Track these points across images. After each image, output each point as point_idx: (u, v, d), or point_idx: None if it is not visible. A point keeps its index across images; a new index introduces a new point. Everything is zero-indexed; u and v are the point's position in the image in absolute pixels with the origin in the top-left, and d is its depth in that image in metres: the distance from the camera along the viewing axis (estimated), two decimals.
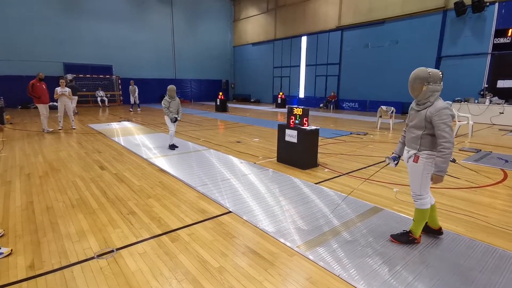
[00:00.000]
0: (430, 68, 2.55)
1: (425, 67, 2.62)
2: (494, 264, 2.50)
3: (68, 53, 18.64)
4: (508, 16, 11.99)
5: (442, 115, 2.43)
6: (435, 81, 2.50)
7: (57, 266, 2.46)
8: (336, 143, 7.75)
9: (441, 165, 2.46)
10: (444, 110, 2.44)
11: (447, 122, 2.43)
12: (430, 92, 2.52)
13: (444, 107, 2.46)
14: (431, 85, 2.50)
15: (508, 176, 4.99)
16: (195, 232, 3.05)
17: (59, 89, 9.47)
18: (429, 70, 2.52)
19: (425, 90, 2.52)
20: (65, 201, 3.85)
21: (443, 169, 2.46)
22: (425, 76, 2.50)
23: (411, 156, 2.68)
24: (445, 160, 2.44)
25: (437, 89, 2.51)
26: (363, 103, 17.40)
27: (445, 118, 2.43)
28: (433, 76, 2.49)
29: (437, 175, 2.49)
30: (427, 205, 2.70)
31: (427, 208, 2.71)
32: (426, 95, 2.54)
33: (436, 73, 2.51)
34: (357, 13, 16.99)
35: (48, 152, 6.59)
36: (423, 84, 2.51)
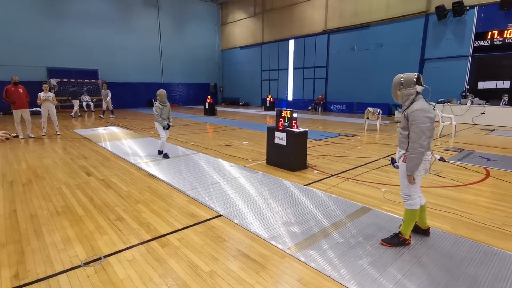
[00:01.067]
0: (405, 74, 2.70)
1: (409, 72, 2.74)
2: (479, 260, 2.57)
3: (51, 57, 18.22)
4: (487, 19, 12.45)
5: (414, 116, 2.53)
6: (408, 85, 2.64)
7: (43, 275, 2.39)
8: (324, 145, 7.83)
9: (408, 165, 2.60)
10: (416, 112, 2.53)
11: (418, 124, 2.51)
12: (406, 96, 2.67)
13: (419, 109, 2.53)
14: (405, 90, 2.66)
15: (490, 174, 5.15)
16: (185, 236, 3.02)
17: (42, 94, 9.24)
18: (403, 76, 2.68)
19: (400, 95, 2.70)
20: (49, 208, 3.75)
21: (409, 168, 2.60)
22: (398, 82, 2.70)
23: (401, 156, 2.74)
24: (409, 160, 2.57)
25: (411, 92, 2.63)
26: (351, 105, 17.67)
27: (417, 119, 2.51)
28: (406, 81, 2.64)
29: (408, 175, 2.64)
30: (416, 205, 2.74)
31: (416, 209, 2.74)
32: (403, 99, 2.70)
33: (409, 77, 2.63)
34: (342, 17, 17.30)
35: (31, 159, 6.41)
36: (398, 90, 2.70)
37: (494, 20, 12.26)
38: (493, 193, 4.28)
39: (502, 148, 7.41)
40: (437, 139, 8.64)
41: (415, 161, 2.56)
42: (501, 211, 3.64)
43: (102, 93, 15.15)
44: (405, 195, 2.76)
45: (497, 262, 2.54)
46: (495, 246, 2.80)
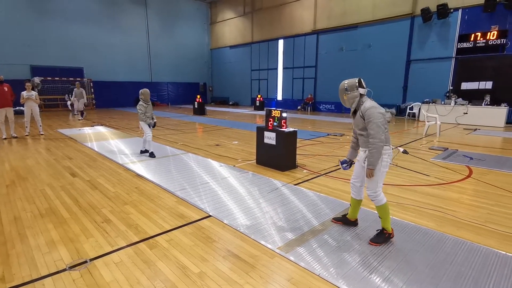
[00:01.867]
0: (348, 80, 2.90)
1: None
2: (463, 257, 2.64)
3: (35, 55, 17.72)
4: (470, 22, 12.80)
5: (369, 114, 2.70)
6: (352, 89, 2.83)
7: (28, 279, 2.32)
8: (314, 145, 7.89)
9: (369, 159, 2.74)
10: (371, 109, 2.71)
11: (373, 120, 2.67)
12: (352, 99, 2.85)
13: (371, 106, 2.73)
14: (349, 93, 2.85)
15: (473, 173, 5.30)
16: (174, 238, 2.99)
17: (25, 93, 8.97)
18: (346, 81, 2.88)
19: (347, 99, 2.88)
20: (33, 211, 3.65)
21: (371, 163, 2.73)
22: (343, 88, 2.89)
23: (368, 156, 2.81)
24: (372, 155, 2.70)
25: (355, 95, 2.82)
26: (339, 105, 17.85)
27: (372, 116, 2.68)
28: (349, 86, 2.84)
29: (368, 169, 2.77)
30: (384, 199, 2.85)
31: (386, 202, 2.86)
32: (349, 102, 2.88)
33: (352, 82, 2.85)
34: (331, 17, 17.47)
35: (14, 160, 6.21)
36: (344, 95, 2.88)
37: (478, 22, 12.61)
38: (476, 191, 4.40)
39: (484, 147, 7.64)
40: (423, 138, 8.83)
41: (376, 155, 2.69)
42: (483, 208, 3.75)
43: (75, 92, 13.86)
44: (372, 193, 2.83)
45: (481, 259, 2.61)
46: (478, 243, 2.88)
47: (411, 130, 10.68)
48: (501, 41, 12.06)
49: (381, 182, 2.83)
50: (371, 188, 2.82)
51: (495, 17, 12.19)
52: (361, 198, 3.12)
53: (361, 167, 2.96)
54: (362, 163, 2.92)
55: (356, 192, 3.10)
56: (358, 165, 3.02)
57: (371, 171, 2.76)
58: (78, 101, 13.84)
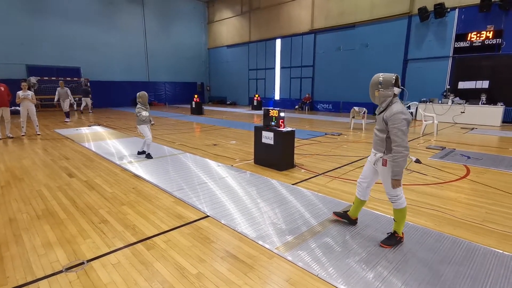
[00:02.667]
0: (384, 74, 2.65)
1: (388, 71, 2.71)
2: (461, 256, 2.64)
3: (31, 54, 17.57)
4: (467, 21, 12.85)
5: (395, 119, 2.50)
6: (386, 86, 2.60)
7: (22, 281, 2.30)
8: (311, 144, 7.89)
9: (394, 169, 2.56)
10: (397, 115, 2.50)
11: (399, 127, 2.49)
12: (383, 98, 2.64)
13: (398, 111, 2.51)
14: (382, 91, 2.62)
15: (471, 172, 5.32)
16: (172, 238, 2.97)
17: (21, 92, 8.91)
18: (382, 76, 2.63)
19: (378, 96, 2.66)
20: (29, 212, 3.61)
21: (397, 173, 2.56)
22: (376, 82, 2.65)
23: (379, 160, 2.73)
24: (397, 164, 2.53)
25: (388, 94, 2.60)
26: (337, 104, 17.88)
27: (397, 122, 2.49)
28: (384, 82, 2.60)
29: (394, 180, 2.60)
30: (405, 203, 2.77)
31: (405, 206, 2.78)
32: (380, 100, 2.67)
33: (388, 78, 2.60)
34: (328, 17, 17.47)
35: (10, 160, 6.16)
36: (375, 90, 2.65)
37: (474, 22, 12.66)
38: (474, 190, 4.41)
39: (481, 146, 7.67)
40: (420, 138, 8.85)
41: (402, 164, 2.53)
42: (481, 207, 3.76)
43: (59, 92, 12.65)
44: (393, 197, 2.75)
45: (479, 258, 2.62)
46: (476, 242, 2.89)
47: (409, 129, 10.70)
48: (497, 41, 12.11)
49: (401, 186, 2.71)
50: (390, 192, 2.74)
51: (491, 17, 12.25)
52: (365, 199, 3.05)
53: (372, 168, 2.86)
54: (373, 165, 2.82)
55: (362, 192, 3.02)
56: (368, 166, 2.92)
57: (397, 182, 2.59)
58: (64, 101, 12.66)
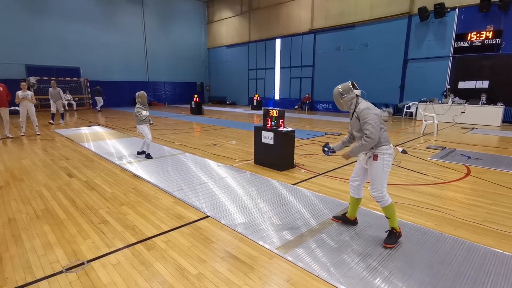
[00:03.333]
0: (341, 84, 2.97)
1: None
2: (462, 256, 2.64)
3: (30, 54, 17.56)
4: (467, 21, 12.84)
5: (364, 115, 2.74)
6: (347, 92, 2.90)
7: (22, 282, 2.29)
8: (311, 144, 7.89)
9: (355, 150, 2.86)
10: (365, 111, 2.74)
11: (368, 121, 2.71)
12: (349, 102, 2.90)
13: (366, 108, 2.76)
14: (345, 96, 2.90)
15: (471, 172, 5.32)
16: (172, 239, 2.96)
17: (20, 92, 8.90)
18: (340, 86, 2.96)
19: (343, 102, 2.93)
20: (29, 212, 3.60)
21: (354, 153, 2.89)
22: (338, 93, 2.95)
23: (370, 156, 2.83)
24: (359, 147, 2.80)
25: (352, 97, 2.88)
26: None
27: (367, 117, 2.71)
28: (344, 90, 2.91)
29: (348, 153, 2.96)
30: (389, 199, 2.84)
31: (392, 202, 2.84)
32: (347, 105, 2.93)
33: (346, 85, 2.92)
34: (328, 17, 17.46)
35: (9, 160, 6.15)
36: (340, 98, 2.93)
37: (474, 22, 12.66)
38: (474, 190, 4.41)
39: (481, 146, 7.67)
40: (420, 138, 8.85)
41: (362, 149, 2.79)
42: (481, 207, 3.75)
43: (51, 93, 11.82)
44: (378, 194, 2.81)
45: (479, 258, 2.61)
46: (477, 242, 2.88)
47: (409, 130, 10.71)
48: (496, 41, 12.12)
49: (386, 182, 2.82)
50: (377, 189, 2.81)
51: (490, 17, 12.25)
52: (360, 197, 3.12)
53: (362, 167, 3.00)
54: (364, 164, 2.93)
55: (355, 191, 3.11)
56: (358, 165, 3.04)
57: (347, 155, 2.96)
58: (55, 102, 11.86)
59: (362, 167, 2.99)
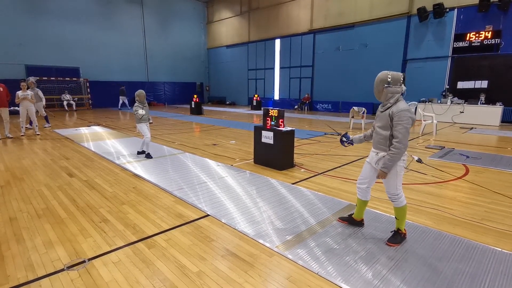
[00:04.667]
0: (391, 71, 2.68)
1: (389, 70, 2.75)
2: (460, 254, 2.66)
3: (30, 54, 17.55)
4: (466, 21, 12.89)
5: (401, 116, 2.54)
6: (395, 83, 2.63)
7: (24, 280, 2.31)
8: (311, 144, 7.91)
9: (387, 163, 2.63)
10: (404, 112, 2.54)
11: (404, 124, 2.53)
12: (391, 94, 2.65)
13: (405, 109, 2.56)
14: (391, 87, 2.63)
15: (470, 171, 5.34)
16: (173, 237, 2.98)
17: (20, 92, 8.90)
18: (390, 73, 2.65)
19: (386, 92, 2.66)
20: (30, 211, 3.62)
21: (388, 166, 2.64)
22: (385, 79, 2.65)
23: (381, 159, 2.73)
24: (392, 159, 2.60)
25: (397, 90, 2.63)
26: (336, 104, 17.91)
27: (404, 120, 2.53)
28: (393, 79, 2.63)
29: (382, 171, 2.68)
30: (404, 201, 2.80)
31: (405, 204, 2.81)
32: (387, 97, 2.67)
33: (397, 76, 2.64)
34: (328, 17, 17.50)
35: (9, 160, 6.16)
36: (384, 87, 2.65)
37: (473, 22, 12.70)
38: (472, 189, 4.44)
39: (480, 145, 7.70)
40: (419, 137, 8.88)
41: (396, 159, 2.59)
42: (480, 206, 3.78)
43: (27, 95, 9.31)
44: (394, 196, 2.77)
45: (478, 256, 2.63)
46: (475, 240, 2.90)
47: None
48: (495, 41, 12.16)
49: (400, 185, 2.74)
50: (392, 191, 2.76)
51: (489, 17, 12.29)
52: (367, 199, 3.05)
53: (372, 168, 2.87)
54: (374, 165, 2.82)
55: (363, 193, 3.03)
56: (367, 166, 2.93)
57: (384, 174, 2.68)
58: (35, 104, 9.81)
59: (371, 168, 2.88)
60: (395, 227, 2.92)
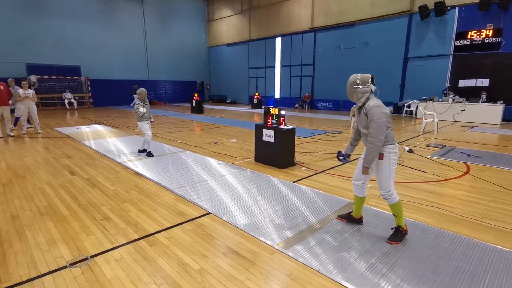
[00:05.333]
0: (361, 74, 2.83)
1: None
2: (461, 252, 2.67)
3: (31, 53, 17.56)
4: (467, 19, 12.84)
5: (373, 112, 2.65)
6: (364, 83, 2.76)
7: (26, 277, 2.32)
8: (312, 142, 7.91)
9: (366, 158, 2.74)
10: (374, 108, 2.65)
11: (375, 120, 2.62)
12: (361, 94, 2.77)
13: (375, 105, 2.66)
14: (360, 88, 2.77)
15: (471, 169, 5.34)
16: (174, 235, 3.00)
17: (22, 91, 8.92)
18: (359, 75, 2.81)
19: (356, 93, 2.80)
20: (32, 209, 3.64)
21: (367, 161, 2.74)
22: (354, 81, 2.80)
23: None
24: (368, 153, 2.70)
25: (366, 90, 2.75)
26: (337, 102, 17.89)
27: (375, 115, 2.62)
28: (362, 80, 2.77)
29: (364, 167, 2.79)
30: (397, 197, 2.83)
31: (399, 200, 2.84)
32: (357, 97, 2.80)
33: (365, 77, 2.78)
34: (328, 15, 17.45)
35: (11, 158, 6.18)
36: (354, 88, 2.80)
37: (474, 20, 12.65)
38: (473, 187, 4.44)
39: (481, 144, 7.69)
40: (420, 136, 8.87)
41: (374, 154, 2.68)
42: (481, 204, 3.78)
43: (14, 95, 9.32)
44: (386, 193, 2.80)
45: (478, 254, 2.64)
46: (476, 238, 2.91)
47: (409, 128, 10.73)
48: (497, 39, 12.12)
49: (392, 180, 2.79)
50: (384, 187, 2.79)
51: (490, 15, 12.25)
52: (364, 196, 3.10)
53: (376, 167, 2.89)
54: None
55: (359, 190, 3.08)
56: (361, 163, 2.99)
57: (366, 169, 2.78)
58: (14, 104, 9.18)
59: None
60: (395, 225, 2.93)
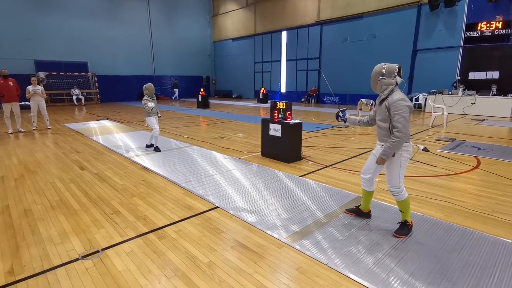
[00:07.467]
0: (388, 63, 2.71)
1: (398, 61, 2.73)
2: (471, 246, 2.65)
3: (39, 50, 17.75)
4: (477, 10, 12.53)
5: (397, 106, 2.56)
6: (389, 75, 2.66)
7: (39, 269, 2.38)
8: (318, 136, 7.88)
9: (386, 150, 2.66)
10: (399, 102, 2.56)
11: (401, 113, 2.55)
12: (385, 86, 2.68)
13: (400, 98, 2.58)
14: (385, 79, 2.67)
15: (481, 163, 5.26)
16: (183, 228, 3.03)
17: (31, 87, 9.03)
18: (385, 65, 2.69)
19: (380, 84, 2.70)
20: (44, 203, 3.71)
21: (387, 153, 2.67)
22: (379, 71, 2.70)
23: None
24: (391, 147, 2.62)
25: (391, 82, 2.65)
26: (344, 96, 17.72)
27: (400, 109, 2.55)
28: (388, 71, 2.66)
29: (380, 158, 2.72)
30: (406, 194, 2.80)
31: (408, 196, 2.81)
32: (381, 89, 2.70)
33: (391, 67, 2.67)
34: (335, 8, 17.21)
35: (22, 154, 6.30)
36: (378, 79, 2.69)
37: (484, 11, 12.35)
38: (484, 181, 4.38)
39: (492, 137, 7.56)
40: (429, 129, 8.75)
41: (395, 148, 2.62)
42: (491, 198, 3.73)
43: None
44: (396, 189, 2.77)
45: (488, 247, 2.61)
46: (486, 232, 2.88)
47: (417, 121, 10.59)
48: (506, 31, 11.82)
49: (402, 177, 2.75)
50: (394, 183, 2.76)
51: (500, 7, 11.95)
52: (372, 190, 3.08)
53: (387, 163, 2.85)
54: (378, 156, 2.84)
55: (367, 184, 3.06)
56: (372, 158, 2.95)
57: (382, 160, 2.72)
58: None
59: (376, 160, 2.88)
60: (401, 219, 2.91)
